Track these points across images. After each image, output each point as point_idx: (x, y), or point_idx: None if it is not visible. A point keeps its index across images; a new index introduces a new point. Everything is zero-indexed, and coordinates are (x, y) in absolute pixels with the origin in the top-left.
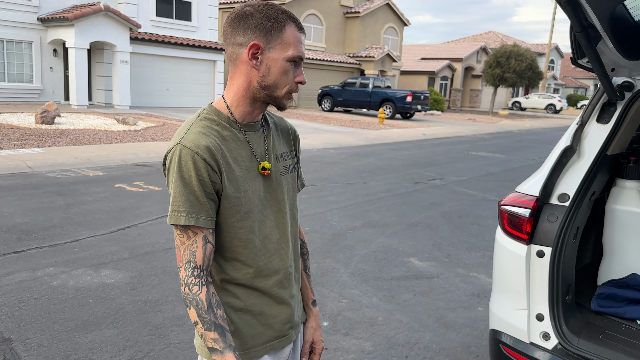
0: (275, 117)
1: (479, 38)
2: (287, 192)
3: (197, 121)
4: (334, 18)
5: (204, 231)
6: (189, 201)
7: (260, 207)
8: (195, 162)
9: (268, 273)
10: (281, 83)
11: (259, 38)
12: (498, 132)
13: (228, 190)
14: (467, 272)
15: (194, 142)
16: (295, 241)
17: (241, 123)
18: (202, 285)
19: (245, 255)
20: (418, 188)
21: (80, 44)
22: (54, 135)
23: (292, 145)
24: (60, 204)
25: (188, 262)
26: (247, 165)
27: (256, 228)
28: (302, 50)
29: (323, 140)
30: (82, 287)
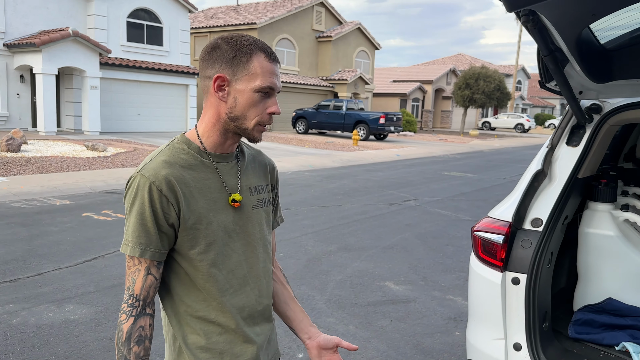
0: (253, 150)
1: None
2: (259, 226)
3: (166, 150)
4: (306, 42)
5: (148, 262)
6: (137, 232)
7: (226, 240)
8: (150, 193)
9: (232, 309)
10: (249, 114)
11: (224, 70)
12: (469, 151)
13: (188, 222)
14: (443, 295)
15: (153, 171)
16: (267, 278)
17: (212, 154)
18: (130, 316)
19: (207, 289)
20: (393, 209)
21: (48, 69)
22: (19, 164)
23: (269, 179)
24: (23, 236)
25: (128, 287)
26: (214, 196)
27: (219, 262)
28: (274, 80)
29: (298, 163)
30: (44, 324)
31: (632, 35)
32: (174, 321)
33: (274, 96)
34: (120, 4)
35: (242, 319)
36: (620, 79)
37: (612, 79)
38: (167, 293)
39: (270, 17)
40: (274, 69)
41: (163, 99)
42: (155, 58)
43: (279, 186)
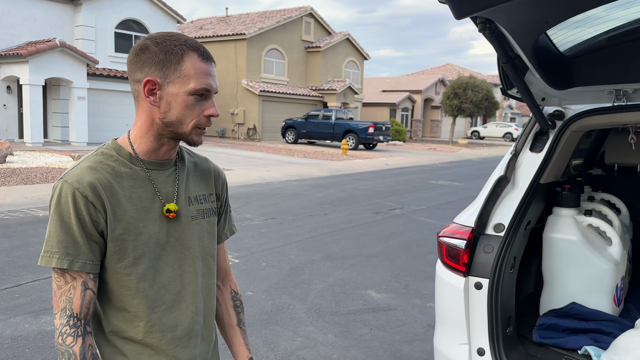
0: (197, 157)
1: (437, 70)
2: (199, 238)
3: (92, 155)
4: (295, 53)
5: (84, 276)
6: (63, 242)
7: (158, 252)
8: (75, 200)
9: (163, 328)
10: (185, 118)
11: (155, 73)
12: (458, 160)
13: (115, 232)
14: (424, 303)
15: (77, 177)
16: (207, 294)
17: (145, 160)
18: (77, 337)
19: (135, 306)
20: (378, 218)
21: (34, 80)
22: (4, 175)
23: (214, 188)
24: (4, 247)
25: (64, 309)
26: (145, 205)
27: (150, 276)
28: (209, 81)
29: (286, 173)
30: (19, 335)
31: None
32: (100, 341)
33: (210, 98)
34: (108, 15)
35: (175, 339)
36: (580, 86)
37: (572, 86)
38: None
39: (260, 27)
40: (209, 69)
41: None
42: None
43: (227, 195)
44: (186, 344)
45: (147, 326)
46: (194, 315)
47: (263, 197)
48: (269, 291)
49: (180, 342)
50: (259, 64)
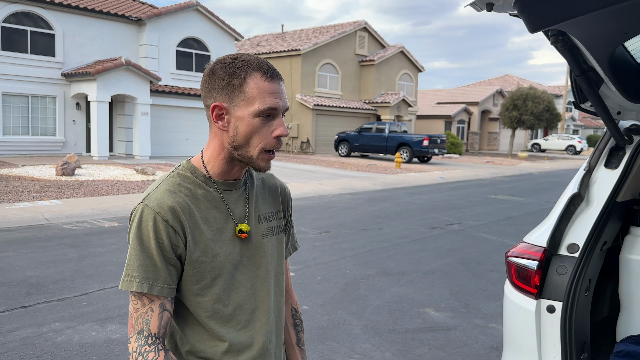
0: (263, 175)
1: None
2: (270, 256)
3: (169, 178)
4: (349, 66)
5: (161, 299)
6: (144, 266)
7: (233, 272)
8: (155, 224)
9: (239, 348)
10: (253, 142)
11: (221, 98)
12: (518, 174)
13: (193, 255)
14: (485, 323)
15: (157, 201)
16: (278, 312)
17: (218, 181)
18: (158, 351)
19: (211, 326)
20: (435, 233)
21: (102, 97)
22: (73, 187)
23: (280, 205)
24: (72, 256)
25: (141, 331)
26: (220, 226)
27: (225, 297)
28: (274, 100)
29: (339, 186)
30: (87, 342)
31: None
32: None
33: (278, 117)
34: (170, 33)
35: (251, 358)
36: None
37: None
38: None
39: (314, 43)
40: (275, 87)
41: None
42: None
43: (292, 211)
44: None
45: (224, 346)
46: (268, 334)
47: (317, 211)
48: (324, 306)
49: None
50: (313, 78)
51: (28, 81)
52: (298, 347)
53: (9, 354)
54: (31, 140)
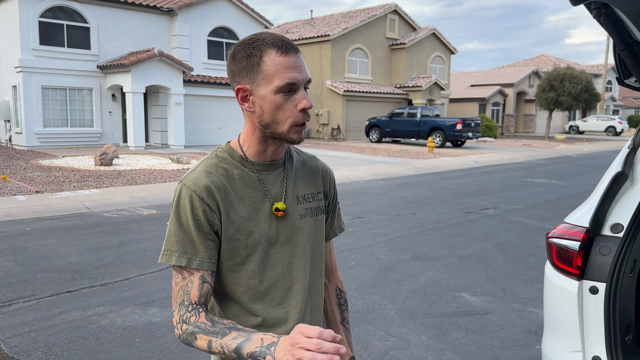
0: (305, 156)
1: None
2: (308, 236)
3: (207, 159)
4: (379, 51)
5: (201, 272)
6: (182, 241)
7: (269, 250)
8: (192, 201)
9: (272, 324)
10: (280, 118)
11: (243, 80)
12: (555, 157)
13: (228, 232)
14: (523, 307)
15: (194, 180)
16: (316, 292)
17: (254, 162)
18: (199, 313)
19: (245, 301)
20: (470, 218)
21: (136, 88)
22: (111, 176)
23: (322, 187)
24: (113, 243)
25: (182, 302)
26: (256, 205)
27: (260, 273)
28: (292, 75)
29: (370, 172)
30: (130, 325)
31: None
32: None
33: (300, 90)
34: (201, 24)
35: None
36: None
37: None
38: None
39: (344, 28)
40: (291, 61)
41: (241, 112)
42: None
43: (335, 193)
44: None
45: (257, 321)
46: (302, 312)
47: (349, 196)
48: (359, 290)
49: None
50: (342, 64)
51: (65, 74)
52: (342, 325)
53: (57, 336)
54: (70, 132)
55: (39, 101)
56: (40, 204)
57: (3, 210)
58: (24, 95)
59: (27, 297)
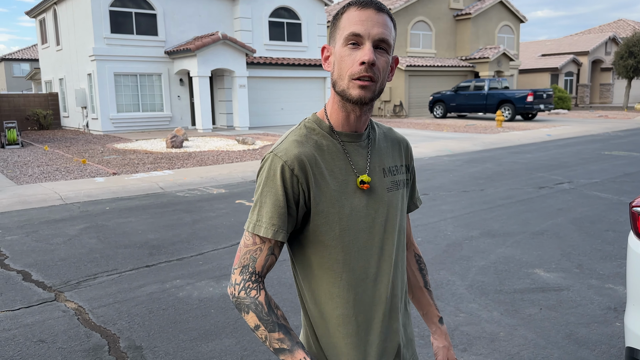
0: (383, 127)
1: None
2: (395, 210)
3: (297, 129)
4: (443, 22)
5: (272, 242)
6: (271, 213)
7: (360, 226)
8: (283, 173)
9: (368, 301)
10: (342, 72)
11: (330, 41)
12: (635, 128)
13: (320, 205)
14: (601, 284)
15: (285, 151)
16: (402, 266)
17: (341, 133)
18: (260, 289)
19: (344, 279)
20: (543, 193)
21: (202, 72)
22: (182, 158)
23: (404, 159)
24: (187, 221)
25: (246, 266)
26: (344, 178)
27: (354, 249)
28: (357, 27)
29: (435, 148)
30: (205, 297)
31: None
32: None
33: (364, 44)
34: (262, 5)
35: (382, 314)
36: None
37: None
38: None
39: (405, 0)
40: (364, 15)
41: (303, 92)
42: (294, 54)
43: (414, 165)
44: (390, 317)
45: (355, 302)
46: (393, 289)
47: None
48: (427, 266)
49: (384, 316)
50: (405, 38)
51: (135, 61)
52: (426, 289)
53: (138, 307)
54: (142, 117)
55: (112, 87)
56: (117, 185)
57: (84, 191)
58: (99, 82)
59: (109, 271)
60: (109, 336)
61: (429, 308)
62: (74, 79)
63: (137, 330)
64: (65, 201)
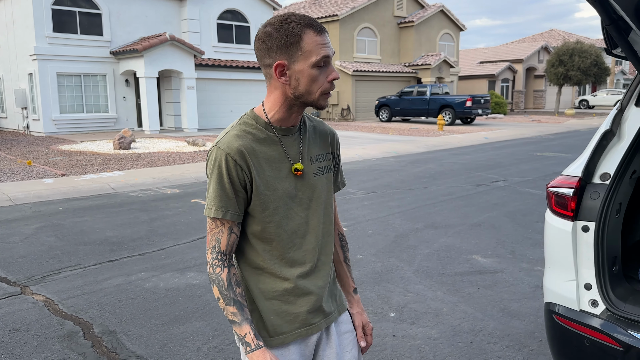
0: (314, 121)
1: (540, 37)
2: (321, 191)
3: (236, 125)
4: (387, 29)
5: (230, 223)
6: (219, 197)
7: (290, 204)
8: (227, 163)
9: (294, 264)
10: (313, 89)
11: (281, 57)
12: (565, 131)
13: (259, 189)
14: (531, 267)
15: (227, 144)
16: (327, 237)
17: (277, 127)
18: (224, 267)
19: (273, 246)
20: (480, 190)
21: (149, 73)
22: (131, 159)
23: (330, 148)
24: (144, 219)
25: (214, 246)
26: (278, 166)
27: (284, 223)
28: (326, 50)
29: (382, 150)
30: (172, 287)
31: None
32: (248, 273)
33: (329, 64)
34: (210, 7)
35: (304, 273)
36: None
37: None
38: (242, 251)
39: (351, 7)
40: (324, 39)
41: (253, 95)
42: (243, 56)
43: (340, 152)
44: (313, 277)
45: (283, 262)
46: (317, 254)
47: (362, 173)
48: (377, 255)
49: (307, 275)
50: (351, 44)
51: (79, 61)
52: (345, 263)
53: (107, 298)
54: (86, 118)
55: (54, 88)
56: (68, 186)
57: (34, 192)
58: (40, 82)
59: (73, 267)
60: (81, 323)
61: (346, 280)
62: (13, 78)
63: (109, 317)
64: (14, 202)
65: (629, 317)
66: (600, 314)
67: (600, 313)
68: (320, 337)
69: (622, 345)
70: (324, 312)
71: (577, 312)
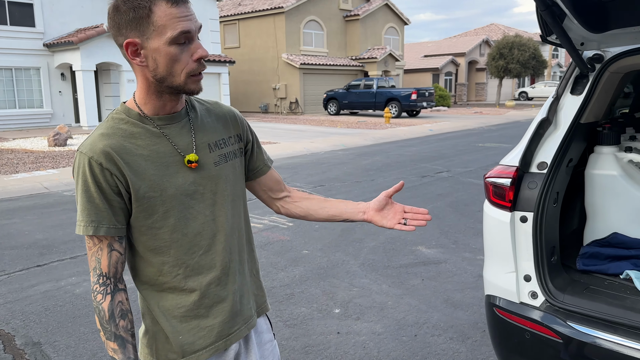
0: (208, 104)
1: (481, 31)
2: (225, 182)
3: (104, 122)
4: (334, 22)
5: (109, 239)
6: (87, 210)
7: (189, 203)
8: (91, 168)
9: (201, 271)
10: (175, 70)
11: (132, 33)
12: (505, 122)
13: (139, 192)
14: (474, 256)
15: (90, 146)
16: (238, 233)
17: (155, 118)
18: (106, 295)
19: (172, 255)
20: (425, 181)
21: (86, 66)
22: (67, 157)
23: (232, 130)
24: None
25: (95, 268)
26: (166, 161)
27: (182, 226)
28: (185, 24)
29: (330, 143)
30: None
31: None
32: (147, 293)
33: (194, 40)
34: None
35: (215, 279)
36: (618, 28)
37: (609, 29)
38: (135, 268)
39: None
40: (182, 11)
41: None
42: None
43: (252, 131)
44: (225, 282)
45: (186, 272)
46: (228, 254)
47: (310, 167)
48: (323, 249)
49: (219, 281)
50: (298, 36)
51: (10, 53)
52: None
53: (33, 306)
54: (19, 114)
55: None
56: None
57: None
58: None
59: None
60: (2, 335)
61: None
62: None
63: (33, 327)
64: None
65: (567, 309)
66: (539, 306)
67: (540, 305)
68: (239, 348)
69: (562, 337)
70: (242, 316)
71: (517, 305)
